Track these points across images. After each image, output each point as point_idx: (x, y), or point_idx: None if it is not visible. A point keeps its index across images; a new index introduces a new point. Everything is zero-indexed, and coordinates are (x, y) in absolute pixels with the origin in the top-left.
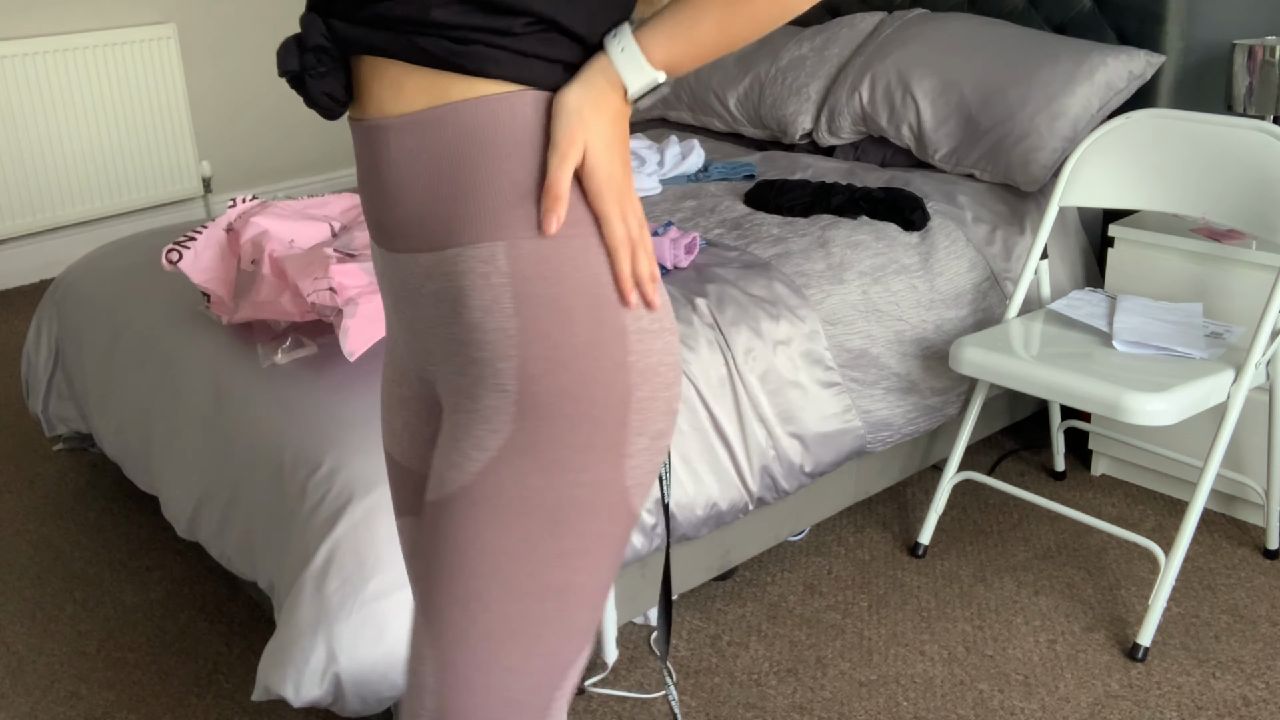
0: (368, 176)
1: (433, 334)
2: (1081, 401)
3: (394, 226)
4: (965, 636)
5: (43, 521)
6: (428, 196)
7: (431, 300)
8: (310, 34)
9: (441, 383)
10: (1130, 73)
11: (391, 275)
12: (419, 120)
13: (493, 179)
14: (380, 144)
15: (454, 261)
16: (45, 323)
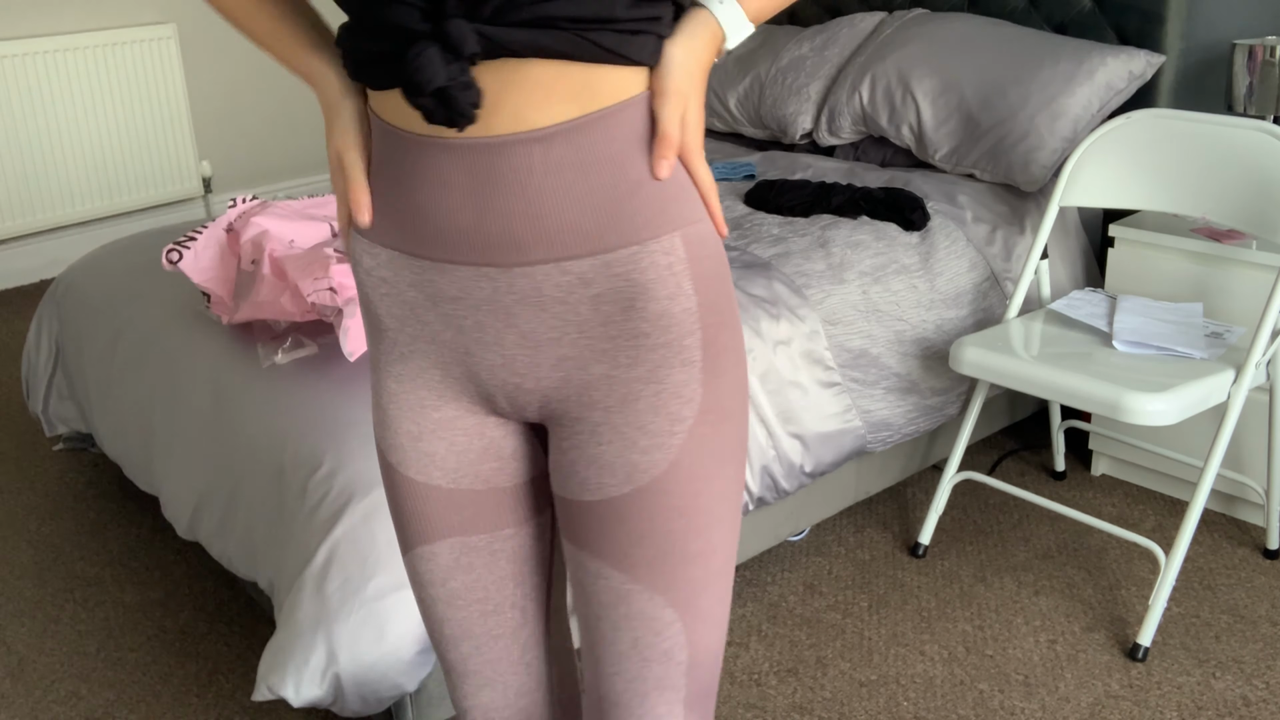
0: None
1: (581, 339)
2: (1081, 401)
3: (529, 240)
4: (965, 636)
5: (43, 521)
6: (589, 202)
7: (590, 304)
8: (462, 41)
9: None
10: (1130, 73)
11: (491, 293)
12: (573, 129)
13: (641, 185)
14: (517, 158)
15: (630, 260)
16: (45, 323)
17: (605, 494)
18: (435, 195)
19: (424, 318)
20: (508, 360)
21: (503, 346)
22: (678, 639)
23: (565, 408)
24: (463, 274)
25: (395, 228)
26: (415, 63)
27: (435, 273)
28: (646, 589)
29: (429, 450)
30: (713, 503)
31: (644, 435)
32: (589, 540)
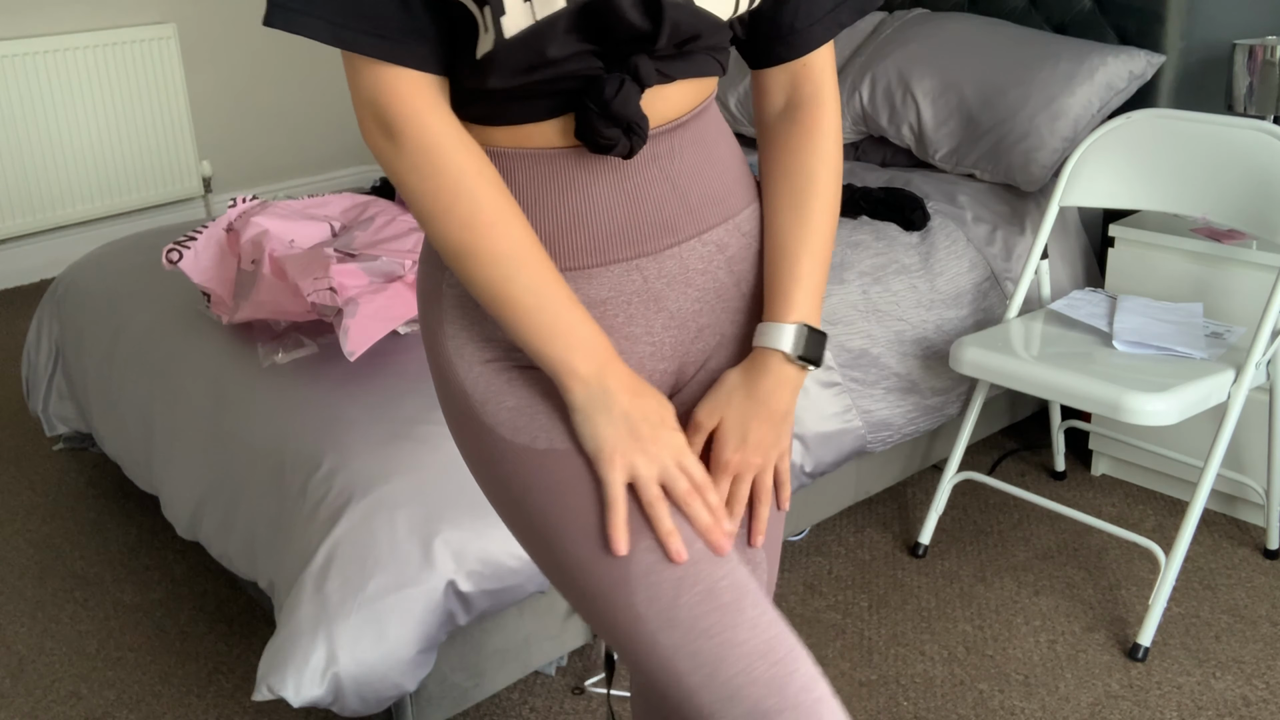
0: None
1: (719, 303)
2: (1082, 401)
3: (679, 219)
4: (965, 636)
5: (43, 521)
6: (714, 172)
7: (726, 268)
8: (648, 76)
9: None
10: (1130, 73)
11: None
12: (693, 115)
13: (736, 150)
14: (660, 146)
15: (750, 218)
16: (45, 322)
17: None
18: (588, 202)
19: (636, 316)
20: (657, 347)
21: (652, 334)
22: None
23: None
24: (613, 273)
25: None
26: (619, 96)
27: (581, 280)
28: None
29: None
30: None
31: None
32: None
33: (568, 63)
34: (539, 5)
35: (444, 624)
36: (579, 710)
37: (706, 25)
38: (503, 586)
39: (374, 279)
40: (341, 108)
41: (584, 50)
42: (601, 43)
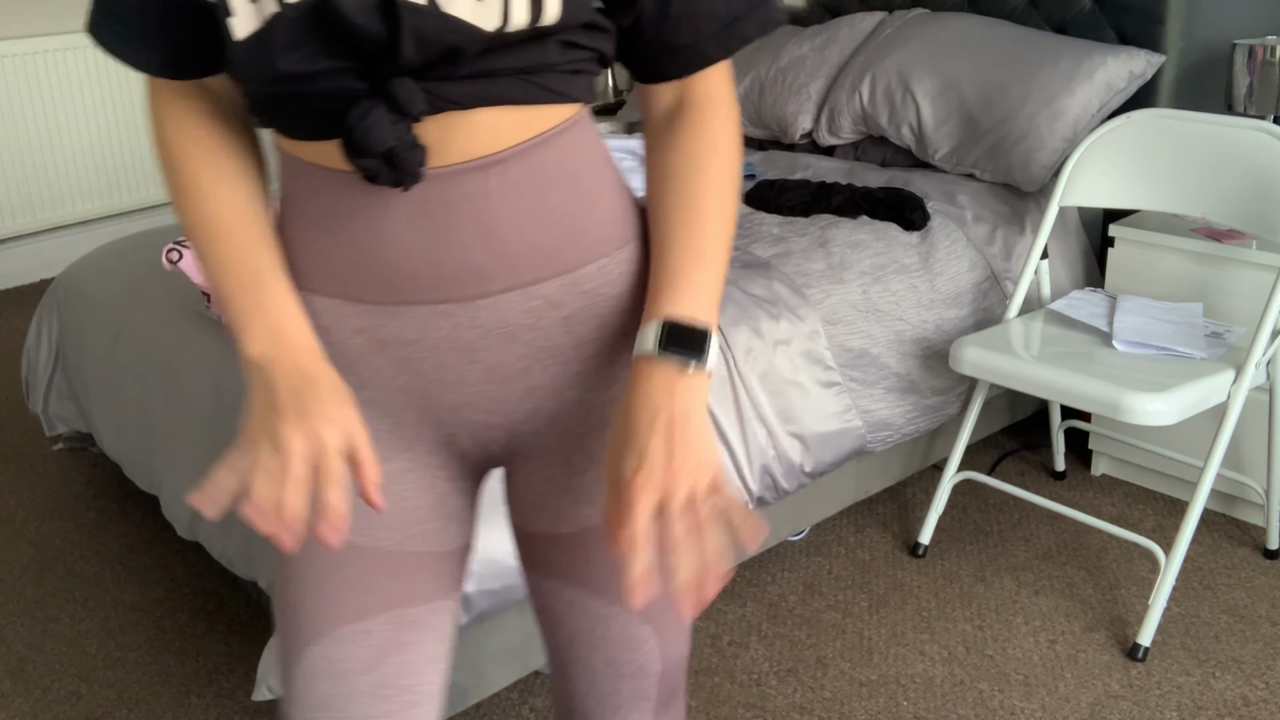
0: (423, 231)
1: (554, 364)
2: (1082, 401)
3: (492, 268)
4: (965, 636)
5: (43, 521)
6: (551, 220)
7: (562, 327)
8: (410, 101)
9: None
10: (1130, 73)
11: (451, 330)
12: (527, 149)
13: (607, 187)
14: (472, 185)
15: (599, 274)
16: (45, 322)
17: (582, 524)
18: (383, 235)
19: (372, 364)
20: (472, 398)
21: (466, 384)
22: (652, 654)
23: (535, 440)
24: (418, 314)
25: (333, 274)
26: (362, 124)
27: (385, 316)
28: (624, 610)
29: (368, 512)
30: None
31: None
32: (563, 571)
33: (318, 80)
34: (265, 5)
35: None
36: None
37: (465, 38)
38: (503, 586)
39: None
40: None
41: (334, 68)
42: (354, 59)
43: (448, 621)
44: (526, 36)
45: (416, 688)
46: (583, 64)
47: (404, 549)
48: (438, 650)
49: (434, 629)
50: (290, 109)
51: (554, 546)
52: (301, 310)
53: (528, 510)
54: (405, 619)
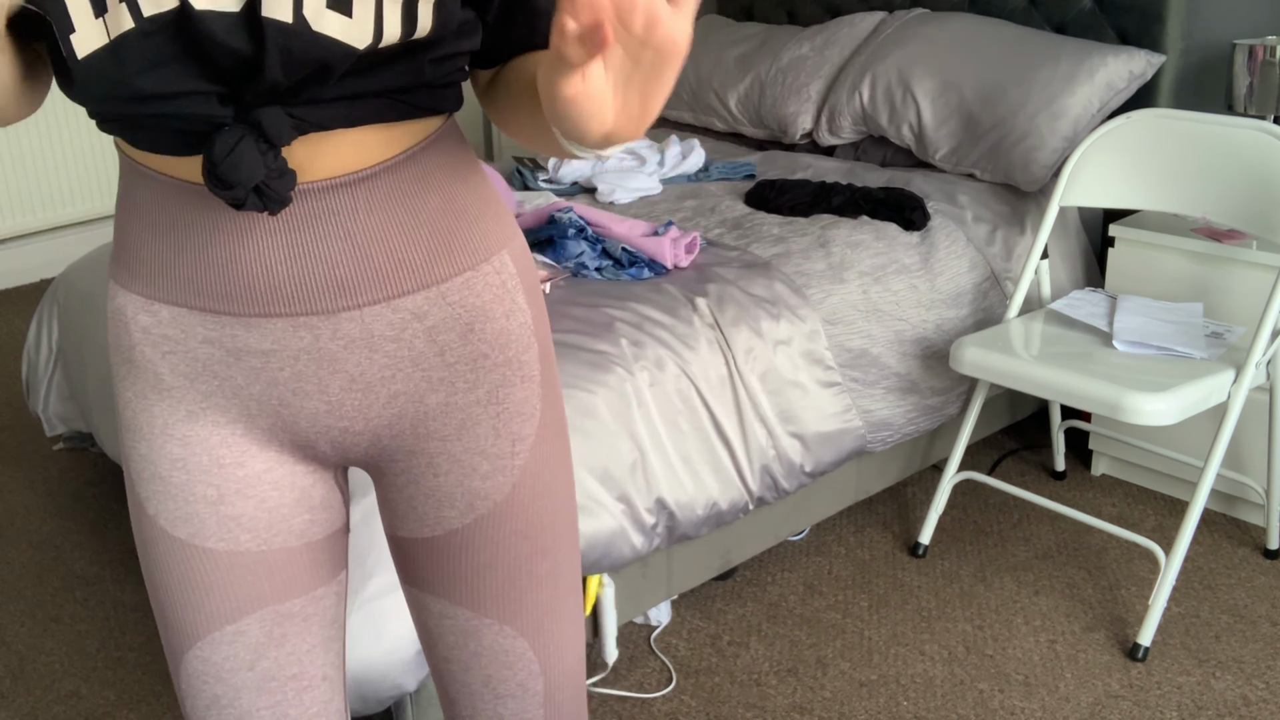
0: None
1: (416, 372)
2: (1082, 401)
3: (357, 282)
4: (965, 636)
5: (43, 521)
6: (419, 235)
7: (425, 336)
8: (279, 132)
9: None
10: (1130, 72)
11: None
12: (395, 165)
13: (476, 197)
14: (339, 201)
15: (465, 286)
16: (45, 322)
17: (445, 527)
18: (241, 247)
19: (223, 374)
20: (334, 405)
21: (328, 393)
22: (531, 669)
23: (398, 443)
24: (276, 326)
25: (181, 283)
26: (229, 159)
27: (239, 327)
28: (495, 621)
29: (233, 513)
30: (555, 520)
31: (485, 460)
32: (430, 579)
33: (179, 101)
34: (111, 22)
35: None
36: None
37: (335, 56)
38: None
39: None
40: None
41: (197, 90)
42: (218, 80)
43: (332, 605)
44: (398, 52)
45: (304, 674)
46: (454, 75)
47: (269, 547)
48: (324, 634)
49: (315, 616)
50: (145, 126)
51: (419, 551)
52: None
53: (394, 515)
54: (280, 613)
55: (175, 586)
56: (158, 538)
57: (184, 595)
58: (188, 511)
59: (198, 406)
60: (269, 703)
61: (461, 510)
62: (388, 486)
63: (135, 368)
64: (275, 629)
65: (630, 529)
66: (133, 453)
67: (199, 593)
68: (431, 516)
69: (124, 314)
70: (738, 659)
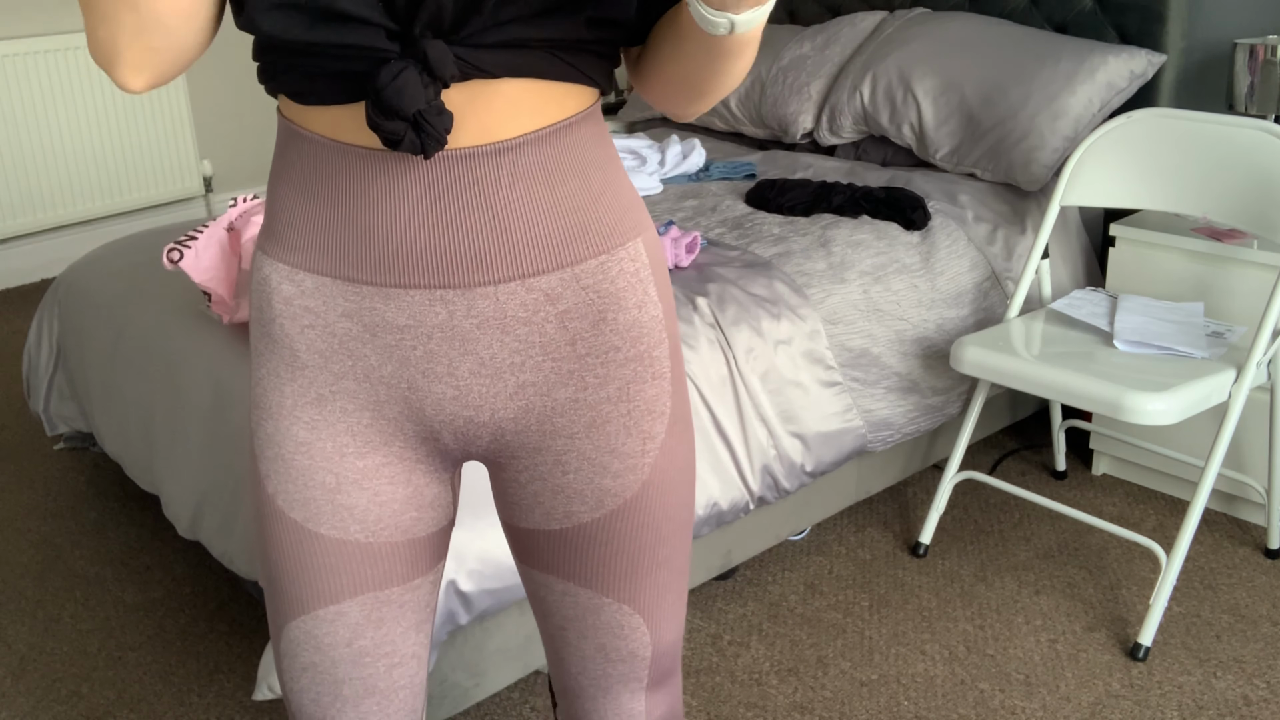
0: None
1: (546, 361)
2: (1082, 401)
3: (496, 256)
4: (966, 636)
5: (44, 520)
6: (556, 213)
7: (557, 322)
8: (442, 64)
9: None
10: (1131, 72)
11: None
12: (540, 138)
13: (612, 182)
14: (484, 170)
15: (599, 270)
16: (46, 322)
17: (574, 521)
18: (387, 213)
19: (358, 352)
20: (461, 392)
21: (456, 377)
22: (643, 639)
23: (522, 439)
24: (414, 299)
25: (329, 251)
26: (393, 84)
27: (379, 299)
28: (614, 600)
29: (348, 503)
30: (679, 510)
31: (616, 459)
32: (554, 564)
33: (352, 28)
34: None
35: (444, 623)
36: None
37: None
38: (503, 585)
39: None
40: None
41: (373, 21)
42: (393, 15)
43: (428, 592)
44: (560, 3)
45: (396, 652)
46: (605, 48)
47: (375, 540)
48: (417, 618)
49: (411, 602)
50: (311, 68)
51: (545, 542)
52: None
53: (516, 508)
54: (379, 599)
55: (284, 561)
56: (274, 515)
57: (292, 571)
58: (305, 496)
59: (328, 390)
60: (360, 675)
61: (591, 506)
62: (508, 481)
63: (273, 343)
64: (374, 613)
65: None
66: (259, 429)
67: (307, 572)
68: (560, 512)
69: (268, 284)
70: (738, 658)
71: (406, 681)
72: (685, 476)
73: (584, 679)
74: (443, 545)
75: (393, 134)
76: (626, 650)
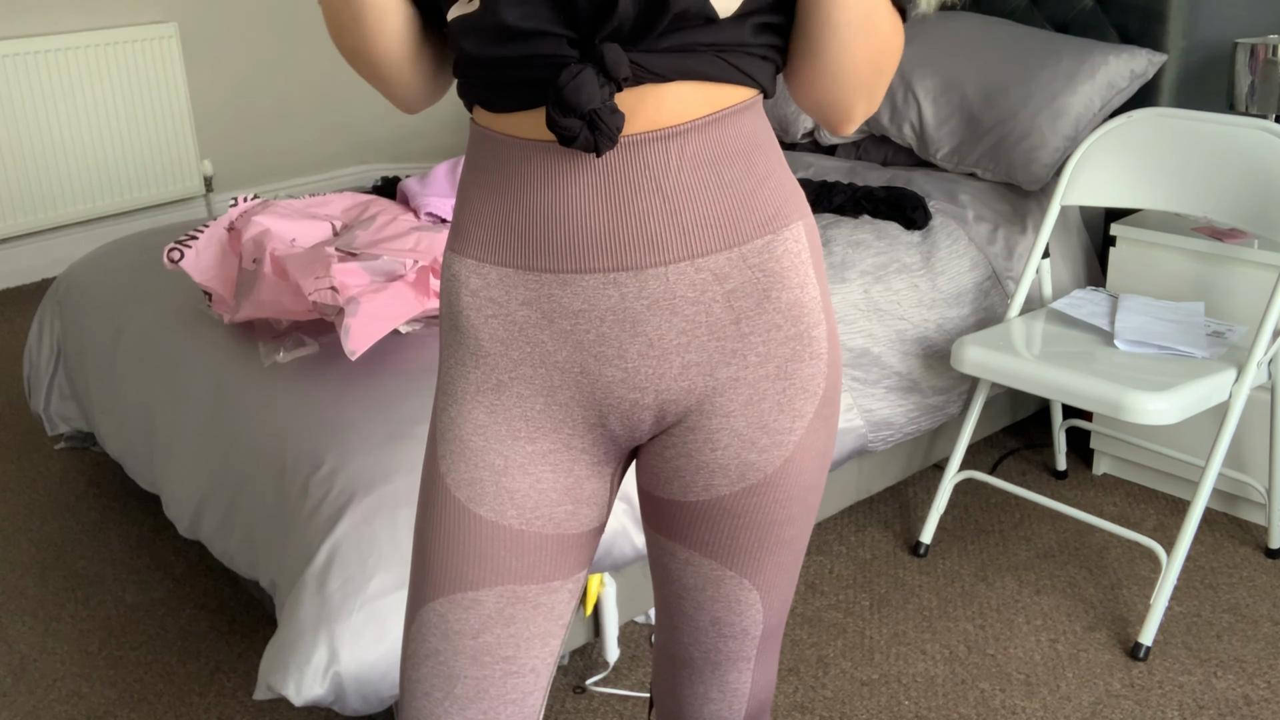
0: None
1: (711, 341)
2: (1083, 401)
3: (667, 237)
4: (967, 636)
5: (44, 520)
6: (723, 195)
7: (724, 301)
8: (617, 66)
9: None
10: (1132, 71)
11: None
12: (707, 124)
13: (775, 168)
14: (654, 155)
15: (765, 249)
16: (47, 322)
17: (713, 494)
18: (563, 202)
19: (536, 338)
20: (629, 373)
21: (625, 359)
22: (756, 616)
23: (679, 419)
24: (589, 283)
25: (510, 243)
26: (572, 83)
27: (556, 286)
28: (736, 574)
29: (511, 487)
30: (810, 493)
31: (765, 434)
32: (684, 533)
33: (534, 41)
34: None
35: None
36: (580, 709)
37: (692, 4)
38: None
39: (375, 278)
40: (343, 107)
41: (553, 33)
42: (573, 26)
43: (563, 600)
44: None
45: (516, 659)
46: (769, 51)
47: (528, 529)
48: (547, 627)
49: (545, 607)
50: (501, 77)
51: (679, 512)
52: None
53: (656, 477)
54: (516, 595)
55: (439, 540)
56: (441, 495)
57: (444, 551)
58: (473, 476)
59: (507, 376)
60: (476, 674)
61: (733, 479)
62: (654, 456)
63: (460, 334)
64: (507, 608)
65: (632, 528)
66: (442, 414)
67: (456, 554)
68: (700, 485)
69: (457, 279)
70: None
71: (518, 696)
72: (823, 461)
73: (695, 650)
74: (588, 550)
75: (568, 130)
76: (740, 627)
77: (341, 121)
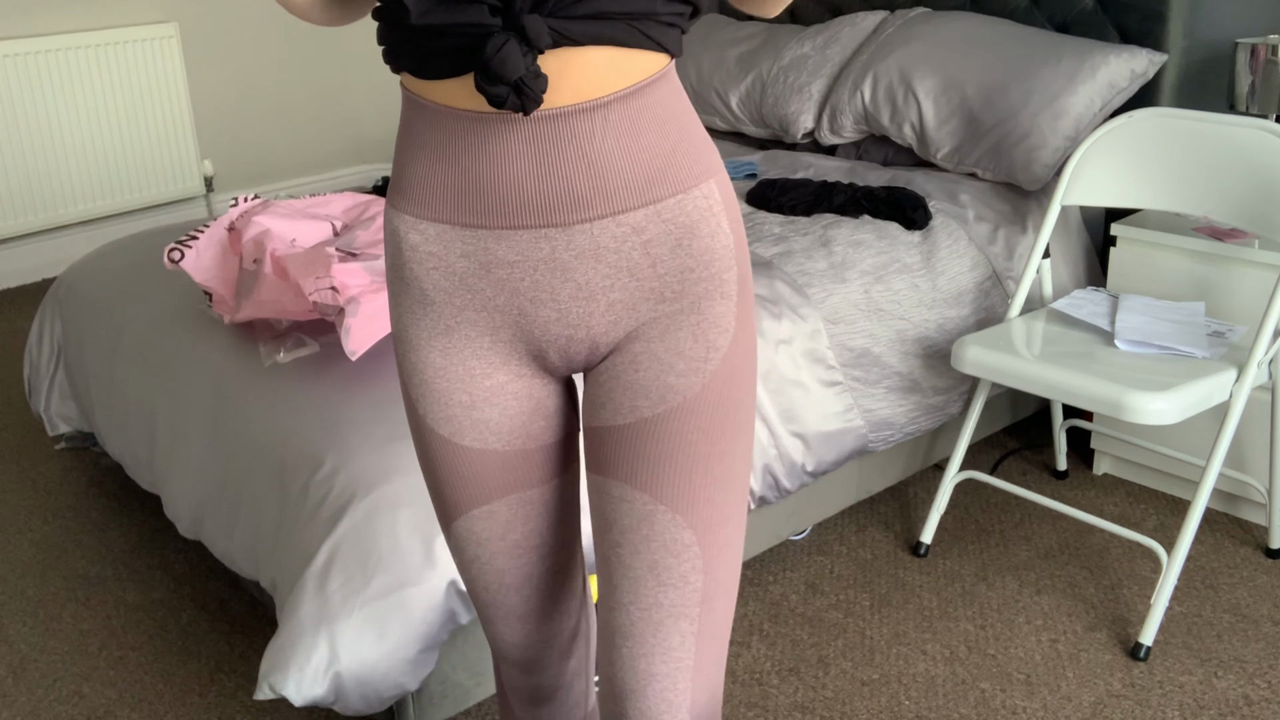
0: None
1: (632, 282)
2: (1083, 401)
3: (591, 198)
4: (967, 636)
5: (45, 520)
6: (642, 159)
7: (641, 249)
8: (538, 35)
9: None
10: (1132, 71)
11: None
12: (626, 96)
13: (691, 132)
14: (580, 125)
15: (677, 206)
16: (47, 322)
17: (637, 416)
18: (497, 167)
19: (475, 285)
20: (562, 313)
21: (558, 301)
22: (694, 562)
23: (611, 349)
24: (522, 238)
25: (447, 203)
26: (498, 55)
27: (491, 240)
28: (668, 509)
29: (483, 418)
30: (735, 430)
31: (681, 360)
32: (616, 464)
33: (459, 9)
34: None
35: (445, 623)
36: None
37: None
38: None
39: (376, 278)
40: (343, 107)
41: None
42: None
43: (567, 489)
44: None
45: (545, 544)
46: (676, 19)
47: (511, 448)
48: (561, 513)
49: (553, 498)
50: (430, 45)
51: (609, 438)
52: None
53: (593, 406)
54: (523, 499)
55: (440, 472)
56: (427, 433)
57: (448, 480)
58: (448, 414)
59: (454, 321)
60: (517, 565)
61: (654, 401)
62: (591, 384)
63: (405, 284)
64: (520, 510)
65: None
66: (404, 360)
67: (458, 480)
68: (626, 406)
69: (398, 234)
70: (739, 658)
71: (561, 568)
72: (745, 403)
73: (635, 609)
74: (572, 449)
75: (497, 96)
76: (678, 573)
77: (341, 121)
